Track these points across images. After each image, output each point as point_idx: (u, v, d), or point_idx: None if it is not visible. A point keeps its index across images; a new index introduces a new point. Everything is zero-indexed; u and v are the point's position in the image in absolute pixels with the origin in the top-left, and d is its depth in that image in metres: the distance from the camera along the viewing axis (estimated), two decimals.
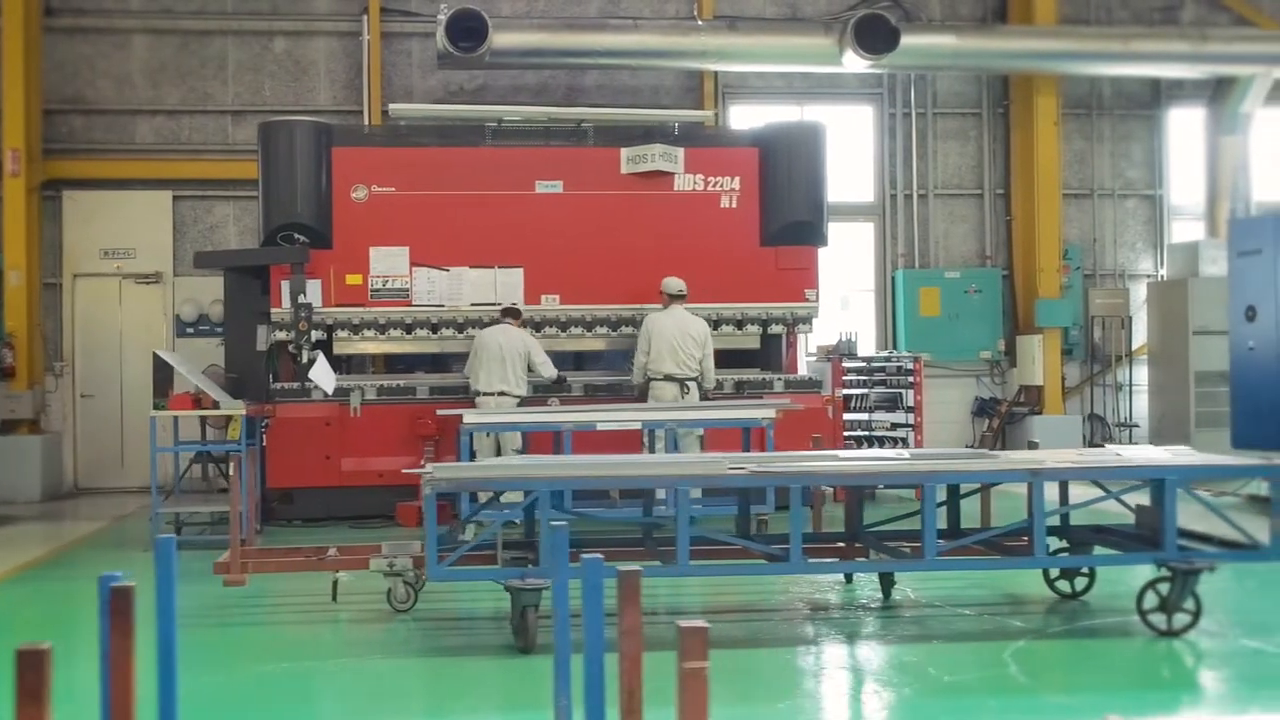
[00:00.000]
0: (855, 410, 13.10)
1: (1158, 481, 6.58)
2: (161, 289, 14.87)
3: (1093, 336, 16.05)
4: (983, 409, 15.77)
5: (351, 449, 11.52)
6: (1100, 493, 7.02)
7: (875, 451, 7.32)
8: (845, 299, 15.90)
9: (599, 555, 2.99)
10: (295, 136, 11.89)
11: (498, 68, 14.44)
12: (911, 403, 13.09)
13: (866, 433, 13.07)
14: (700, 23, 14.76)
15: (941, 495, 7.35)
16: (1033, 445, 7.89)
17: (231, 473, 7.28)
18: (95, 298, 14.81)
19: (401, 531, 10.17)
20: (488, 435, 10.75)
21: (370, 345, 12.11)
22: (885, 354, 13.60)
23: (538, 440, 10.67)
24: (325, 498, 11.60)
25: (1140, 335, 16.08)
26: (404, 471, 6.60)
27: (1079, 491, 7.42)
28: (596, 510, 8.85)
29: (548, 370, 11.28)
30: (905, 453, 7.20)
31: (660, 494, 9.82)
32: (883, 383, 13.14)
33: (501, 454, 10.58)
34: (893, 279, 15.86)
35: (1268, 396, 12.19)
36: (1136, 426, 15.91)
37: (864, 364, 13.18)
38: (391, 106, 13.82)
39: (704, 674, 2.21)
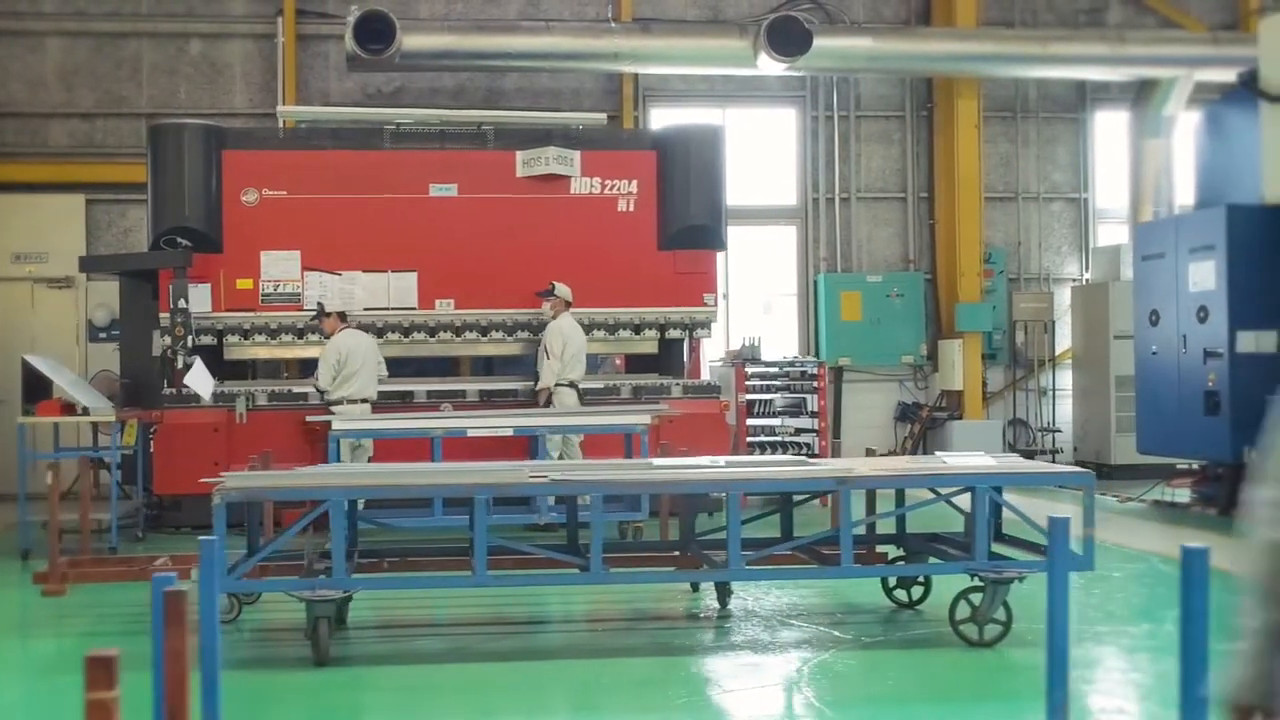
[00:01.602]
0: (760, 415, 12.98)
1: (970, 489, 6.48)
2: (74, 293, 14.75)
3: (1015, 341, 15.91)
4: (905, 414, 15.64)
5: (239, 455, 11.36)
6: (921, 502, 6.91)
7: (691, 459, 7.20)
8: (767, 303, 15.80)
9: (172, 574, 2.87)
10: (184, 139, 11.80)
11: (408, 70, 14.33)
12: (816, 407, 12.98)
13: (771, 438, 12.96)
14: (614, 25, 14.64)
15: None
16: (872, 452, 7.77)
17: (50, 481, 7.17)
18: (6, 302, 14.67)
19: None
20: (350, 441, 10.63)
21: (261, 350, 12.00)
22: (790, 358, 13.46)
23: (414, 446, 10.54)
24: None
25: (1065, 339, 15.94)
26: (201, 481, 6.49)
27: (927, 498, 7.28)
28: (401, 520, 8.75)
29: (384, 369, 11.23)
30: (721, 460, 7.09)
31: (550, 501, 9.77)
32: (788, 388, 13.02)
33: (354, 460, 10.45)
34: (815, 283, 15.73)
35: (1169, 401, 12.05)
36: (1059, 432, 15.76)
37: (771, 369, 13.05)
38: (280, 109, 13.67)
39: (109, 704, 2.09)
